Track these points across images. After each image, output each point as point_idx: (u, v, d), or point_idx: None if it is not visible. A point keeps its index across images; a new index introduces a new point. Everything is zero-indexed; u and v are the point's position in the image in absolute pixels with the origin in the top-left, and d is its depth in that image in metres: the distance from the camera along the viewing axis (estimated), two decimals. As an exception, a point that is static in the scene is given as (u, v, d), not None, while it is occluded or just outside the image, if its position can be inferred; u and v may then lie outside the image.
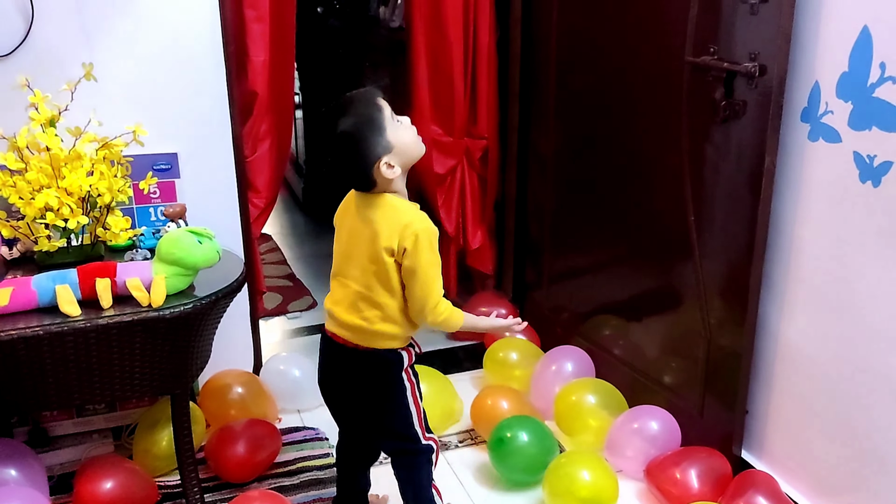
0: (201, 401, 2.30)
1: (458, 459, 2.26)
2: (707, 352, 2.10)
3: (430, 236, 1.60)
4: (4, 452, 1.98)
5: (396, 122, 1.61)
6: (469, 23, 2.67)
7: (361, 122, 1.57)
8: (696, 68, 1.98)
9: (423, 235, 1.59)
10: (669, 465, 2.03)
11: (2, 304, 1.74)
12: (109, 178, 1.91)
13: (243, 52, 2.36)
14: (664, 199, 2.19)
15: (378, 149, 1.57)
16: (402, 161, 1.61)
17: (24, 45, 2.03)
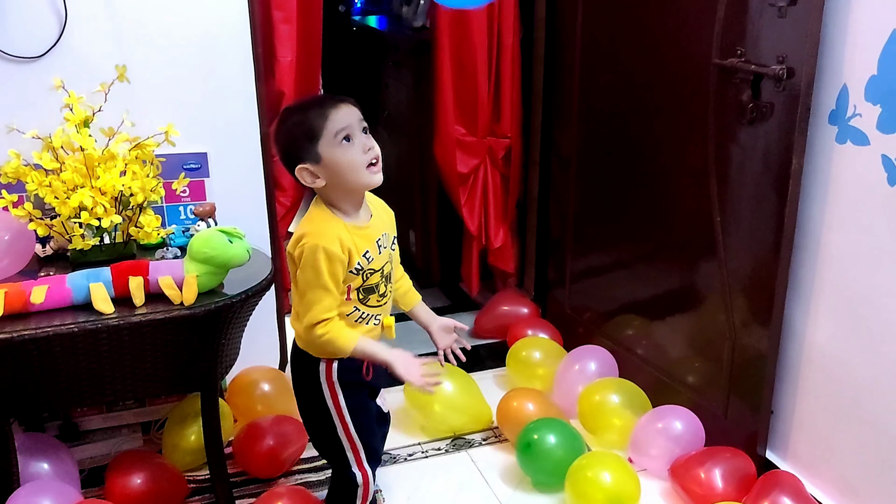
0: (229, 397, 2.33)
1: (482, 458, 2.28)
2: (732, 352, 2.10)
3: (313, 254, 1.58)
4: (37, 447, 2.02)
5: (342, 140, 1.59)
6: (493, 23, 2.68)
7: (300, 122, 1.60)
8: (723, 70, 1.99)
9: (307, 252, 1.58)
10: (694, 464, 2.04)
11: (38, 302, 1.77)
12: (142, 178, 1.93)
13: (271, 52, 2.39)
14: (688, 199, 2.20)
15: (302, 153, 1.60)
16: (331, 177, 1.61)
17: (58, 46, 2.07)
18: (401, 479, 2.19)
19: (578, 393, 2.36)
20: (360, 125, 1.62)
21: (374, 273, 1.66)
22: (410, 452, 2.30)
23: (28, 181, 1.89)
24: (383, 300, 1.71)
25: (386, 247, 1.70)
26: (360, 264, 1.63)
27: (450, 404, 2.33)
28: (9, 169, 1.91)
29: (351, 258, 1.61)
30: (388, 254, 1.71)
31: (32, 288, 1.78)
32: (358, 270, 1.64)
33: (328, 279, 1.58)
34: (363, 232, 1.65)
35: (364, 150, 1.60)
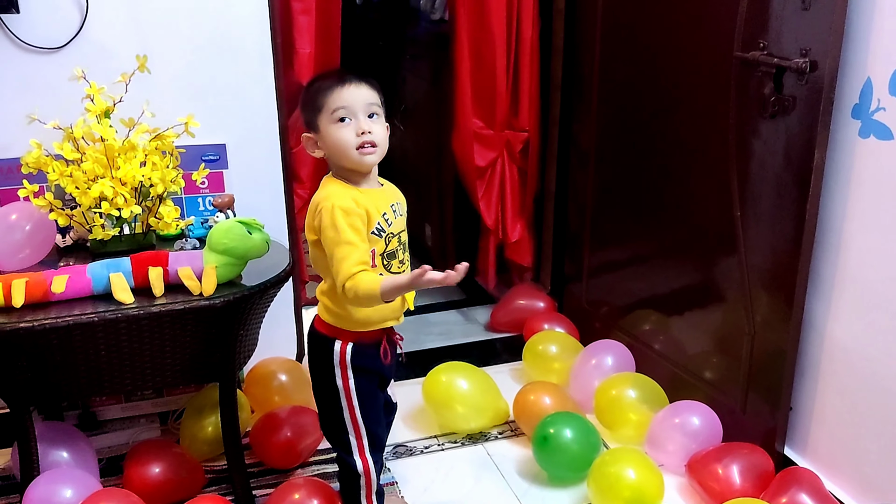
0: (246, 387, 2.34)
1: (498, 451, 2.28)
2: (751, 348, 2.09)
3: (330, 214, 1.58)
4: (56, 435, 2.04)
5: (337, 119, 1.61)
6: (512, 15, 2.67)
7: (313, 92, 1.64)
8: (745, 63, 1.97)
9: (324, 214, 1.59)
10: (711, 460, 2.03)
11: (58, 291, 1.79)
12: (162, 169, 1.94)
13: (290, 44, 2.39)
14: (708, 193, 2.19)
15: (309, 122, 1.66)
16: (327, 151, 1.65)
17: (79, 37, 2.08)
18: (417, 471, 2.19)
19: (595, 387, 2.35)
20: (366, 108, 1.62)
21: (393, 237, 1.66)
22: (427, 445, 2.31)
23: (49, 171, 1.90)
24: (403, 267, 1.70)
25: (401, 214, 1.70)
26: (380, 225, 1.63)
27: (471, 404, 2.31)
28: (30, 159, 1.92)
29: (370, 218, 1.61)
30: (402, 221, 1.71)
31: (53, 277, 1.79)
32: (379, 232, 1.63)
33: (350, 233, 1.57)
34: (377, 195, 1.66)
35: (358, 133, 1.61)
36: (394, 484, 2.12)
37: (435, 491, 2.12)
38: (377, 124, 1.64)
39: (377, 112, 1.65)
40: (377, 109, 1.65)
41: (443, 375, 2.34)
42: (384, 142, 1.65)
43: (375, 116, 1.64)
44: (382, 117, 1.66)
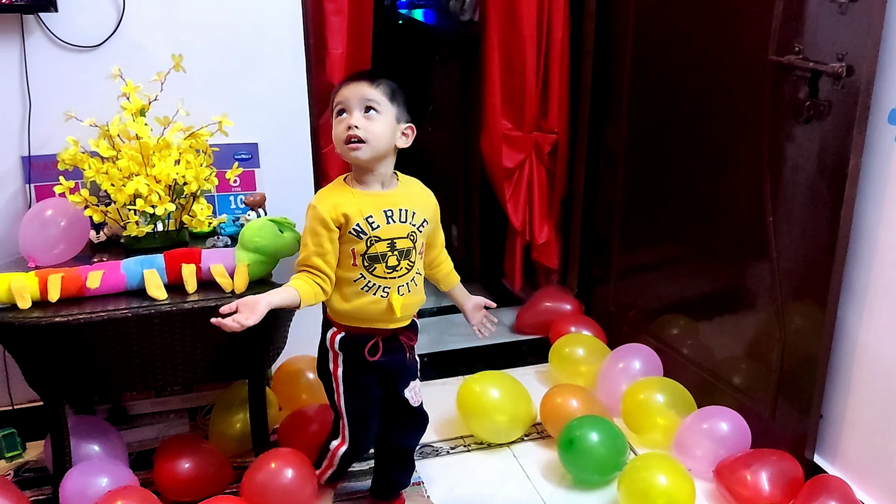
0: (274, 385, 2.35)
1: (524, 453, 2.28)
2: (781, 354, 2.08)
3: (307, 211, 1.73)
4: (88, 429, 2.07)
5: (336, 114, 1.72)
6: (543, 16, 2.66)
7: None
8: (780, 67, 1.96)
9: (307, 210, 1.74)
10: (740, 466, 2.02)
11: (93, 287, 1.81)
12: (196, 167, 1.96)
13: (322, 44, 2.40)
14: (740, 198, 2.17)
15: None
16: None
17: (115, 35, 2.10)
18: (443, 472, 2.20)
19: (622, 391, 2.34)
20: (362, 102, 1.68)
21: (379, 241, 1.71)
22: (453, 446, 2.31)
23: (85, 168, 1.92)
24: (392, 273, 1.74)
25: (401, 221, 1.74)
26: (359, 226, 1.69)
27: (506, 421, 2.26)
28: (67, 156, 1.95)
29: (349, 219, 1.69)
30: (402, 229, 1.74)
31: (88, 273, 1.82)
32: (359, 234, 1.70)
33: (308, 235, 1.71)
34: (371, 199, 1.72)
35: (346, 128, 1.67)
36: (420, 484, 2.13)
37: (461, 492, 2.13)
38: (373, 120, 1.68)
39: (375, 108, 1.68)
40: (376, 105, 1.68)
41: (476, 385, 2.28)
42: (376, 139, 1.68)
43: (373, 112, 1.68)
44: (385, 115, 1.69)
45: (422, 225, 1.78)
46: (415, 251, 1.77)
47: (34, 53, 2.07)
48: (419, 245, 1.78)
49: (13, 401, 2.27)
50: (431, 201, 1.85)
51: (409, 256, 1.76)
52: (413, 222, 1.76)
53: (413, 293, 1.79)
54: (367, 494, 2.05)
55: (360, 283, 1.73)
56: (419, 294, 1.83)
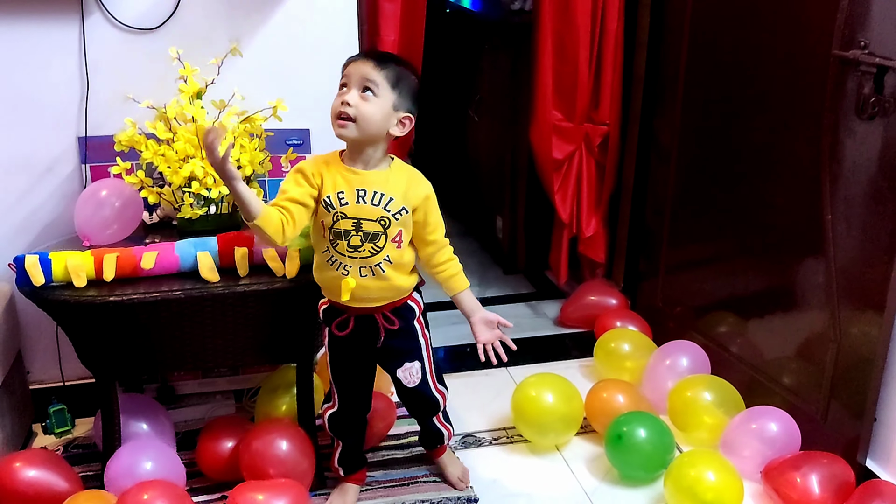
0: (319, 370, 2.36)
1: (567, 447, 2.26)
2: (836, 355, 2.03)
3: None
4: (138, 407, 2.09)
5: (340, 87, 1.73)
6: (598, 7, 2.64)
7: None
8: (844, 62, 1.91)
9: None
10: (789, 468, 1.98)
11: (147, 267, 1.83)
12: (250, 151, 1.97)
13: (375, 31, 2.40)
14: (796, 195, 2.13)
15: None
16: None
17: (173, 18, 2.12)
18: (486, 462, 2.19)
19: (668, 388, 2.32)
20: (361, 81, 1.67)
21: (345, 218, 1.71)
22: (496, 437, 2.30)
23: (143, 149, 1.94)
24: (354, 253, 1.73)
25: (373, 204, 1.72)
26: (329, 199, 1.71)
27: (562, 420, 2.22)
28: (124, 137, 1.97)
29: (323, 187, 1.71)
30: (373, 212, 1.72)
31: (143, 253, 1.84)
32: (327, 206, 1.71)
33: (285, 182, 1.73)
34: (350, 176, 1.72)
35: (340, 103, 1.67)
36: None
37: (504, 483, 2.12)
38: (367, 101, 1.67)
39: (373, 90, 1.67)
40: (374, 87, 1.67)
41: (532, 391, 2.23)
42: (365, 120, 1.67)
43: (370, 93, 1.67)
44: (381, 99, 1.68)
45: (398, 213, 1.73)
46: (385, 237, 1.74)
47: (93, 35, 2.09)
48: (393, 232, 1.74)
49: (64, 377, 2.31)
50: (419, 192, 1.78)
51: (376, 241, 1.73)
52: (388, 208, 1.72)
53: (378, 278, 1.76)
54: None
55: (325, 256, 1.75)
56: (388, 281, 1.77)
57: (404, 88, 1.70)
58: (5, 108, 2.09)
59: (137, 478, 1.87)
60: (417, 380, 1.92)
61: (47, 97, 2.11)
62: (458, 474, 2.09)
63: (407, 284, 1.83)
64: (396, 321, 1.84)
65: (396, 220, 1.74)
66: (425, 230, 1.81)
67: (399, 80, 1.70)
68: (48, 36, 2.07)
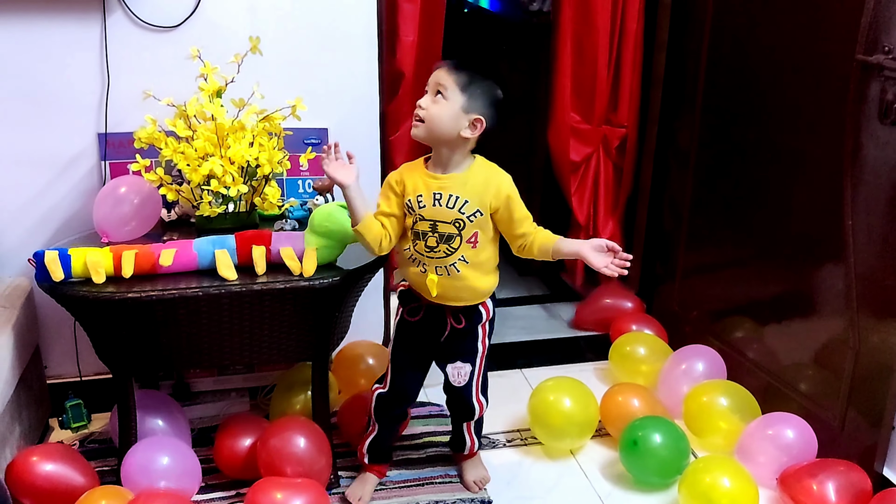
0: (334, 369, 2.37)
1: (582, 452, 2.25)
2: (854, 362, 2.02)
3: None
4: (154, 403, 2.10)
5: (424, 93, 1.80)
6: (618, 8, 2.62)
7: None
8: (867, 67, 1.89)
9: None
10: (805, 475, 1.97)
11: (166, 265, 1.84)
12: (269, 150, 1.97)
13: (394, 32, 2.40)
14: (816, 200, 2.11)
15: None
16: None
17: (194, 16, 2.13)
18: (500, 464, 2.19)
19: (683, 393, 2.31)
20: (435, 87, 1.76)
21: (422, 220, 1.80)
22: (510, 439, 2.30)
23: (163, 146, 1.95)
24: (431, 253, 1.81)
25: (448, 207, 1.78)
26: (410, 202, 1.81)
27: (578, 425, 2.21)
28: (144, 134, 1.98)
29: (405, 192, 1.81)
30: (448, 214, 1.78)
31: (161, 251, 1.85)
32: (409, 208, 1.81)
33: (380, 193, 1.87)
34: (429, 179, 1.80)
35: (416, 106, 1.77)
36: (476, 475, 2.12)
37: (517, 486, 2.12)
38: (437, 104, 1.74)
39: (443, 93, 1.74)
40: (444, 91, 1.74)
41: (550, 395, 2.22)
42: (432, 120, 1.74)
43: (440, 97, 1.75)
44: (450, 102, 1.74)
45: (473, 215, 1.78)
46: (460, 238, 1.79)
47: (114, 32, 2.10)
48: (468, 234, 1.79)
49: (81, 372, 2.32)
50: (499, 193, 1.80)
51: (451, 242, 1.79)
52: (462, 210, 1.78)
53: (454, 278, 1.82)
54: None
55: (407, 253, 1.85)
56: (463, 281, 1.83)
57: (475, 92, 1.74)
58: (27, 105, 2.11)
59: (153, 474, 1.88)
60: (464, 381, 1.95)
61: (68, 94, 2.12)
62: (475, 478, 2.09)
63: (484, 287, 1.87)
64: (464, 321, 1.90)
65: (471, 223, 1.79)
66: (511, 227, 1.83)
67: (470, 83, 1.74)
68: (70, 33, 2.08)
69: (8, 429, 1.93)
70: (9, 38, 2.05)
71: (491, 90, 1.77)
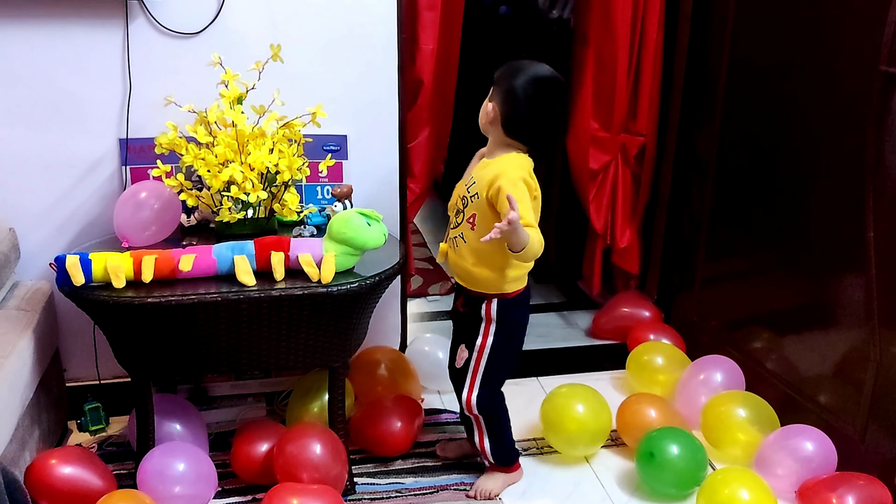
0: (351, 375, 2.37)
1: (598, 460, 2.24)
2: (875, 375, 2.00)
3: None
4: (171, 408, 2.11)
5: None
6: (638, 18, 2.62)
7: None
8: (890, 78, 1.88)
9: None
10: (825, 488, 1.95)
11: (185, 270, 1.85)
12: (289, 156, 1.98)
13: (413, 39, 2.41)
14: (837, 211, 2.10)
15: None
16: None
17: (215, 23, 2.14)
18: (516, 472, 2.18)
19: (701, 403, 2.29)
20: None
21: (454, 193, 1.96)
22: (525, 448, 2.29)
23: (183, 152, 1.96)
24: (450, 224, 1.96)
25: (465, 184, 1.91)
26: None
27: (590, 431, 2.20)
28: (164, 140, 1.99)
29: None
30: (461, 190, 1.92)
31: (181, 256, 1.86)
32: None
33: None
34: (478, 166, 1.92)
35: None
36: (492, 483, 2.11)
37: (533, 495, 2.11)
38: (485, 104, 1.88)
39: (490, 94, 1.88)
40: (491, 92, 1.88)
41: (561, 401, 2.23)
42: (481, 117, 1.90)
43: (488, 96, 1.88)
44: (490, 99, 1.87)
45: (472, 196, 1.87)
46: (462, 215, 1.90)
47: (136, 38, 2.12)
48: (468, 213, 1.88)
49: (100, 376, 2.34)
50: (493, 183, 1.80)
51: (458, 217, 1.92)
52: (469, 190, 1.89)
53: (456, 254, 1.93)
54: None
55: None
56: (462, 260, 1.90)
57: (500, 82, 1.87)
58: (49, 109, 2.13)
59: (170, 478, 1.89)
60: (460, 364, 2.02)
61: (90, 99, 2.14)
62: (482, 487, 2.07)
63: (482, 277, 1.90)
64: (469, 307, 1.97)
65: (471, 203, 1.87)
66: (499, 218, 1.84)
67: (500, 76, 1.88)
68: (92, 39, 2.10)
69: (28, 431, 1.95)
70: (32, 45, 2.07)
71: (510, 80, 1.84)
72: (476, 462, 2.18)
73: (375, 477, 2.12)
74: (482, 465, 2.14)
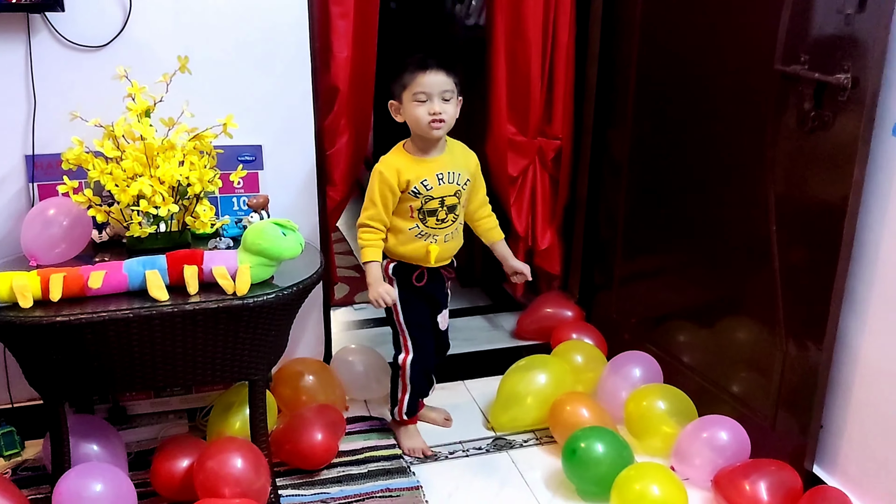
0: (274, 387, 2.35)
1: (523, 459, 2.27)
2: (783, 364, 2.07)
3: (374, 174, 2.09)
4: (88, 428, 2.06)
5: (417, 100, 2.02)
6: (549, 22, 2.66)
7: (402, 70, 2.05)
8: (786, 77, 1.96)
9: (373, 172, 2.10)
10: (738, 476, 2.01)
11: (95, 287, 1.81)
12: (200, 169, 1.96)
13: (327, 47, 2.40)
14: (743, 207, 2.17)
15: (395, 93, 2.08)
16: (406, 121, 2.08)
17: (122, 36, 2.11)
18: (441, 476, 2.19)
19: (622, 399, 2.34)
20: (441, 93, 2.02)
21: (432, 199, 2.10)
22: (451, 451, 2.31)
23: (90, 168, 1.92)
24: (441, 225, 2.13)
25: (450, 182, 2.11)
26: (416, 189, 2.08)
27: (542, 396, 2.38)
28: (71, 156, 1.95)
29: (409, 184, 2.07)
30: (451, 188, 2.12)
31: (90, 273, 1.82)
32: (415, 194, 2.08)
33: (377, 195, 2.07)
34: (425, 164, 2.09)
35: (430, 112, 2.01)
36: (418, 488, 2.12)
37: (459, 497, 2.12)
38: (449, 104, 2.05)
39: (450, 95, 2.04)
40: (450, 94, 2.04)
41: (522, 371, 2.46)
42: (452, 118, 2.07)
43: (450, 97, 2.04)
44: (455, 98, 2.06)
45: (465, 183, 2.15)
46: (459, 205, 2.16)
47: (40, 53, 2.07)
48: (463, 199, 2.17)
49: (13, 399, 2.27)
50: (472, 161, 2.20)
51: (455, 210, 2.15)
52: (458, 182, 2.13)
53: (454, 240, 2.19)
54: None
55: (414, 232, 2.12)
56: (458, 240, 2.22)
57: (458, 81, 2.07)
58: (-50, 127, 2.06)
59: (87, 500, 1.83)
60: (447, 324, 2.32)
61: (-7, 115, 2.08)
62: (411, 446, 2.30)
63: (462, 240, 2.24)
64: (453, 272, 2.27)
65: (465, 190, 2.16)
66: (477, 190, 2.24)
67: (458, 79, 2.06)
68: (-7, 54, 2.04)
69: (-66, 460, 1.88)
70: (-71, 60, 2.01)
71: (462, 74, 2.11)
72: (403, 467, 2.20)
73: (300, 488, 2.11)
74: (406, 469, 2.16)
